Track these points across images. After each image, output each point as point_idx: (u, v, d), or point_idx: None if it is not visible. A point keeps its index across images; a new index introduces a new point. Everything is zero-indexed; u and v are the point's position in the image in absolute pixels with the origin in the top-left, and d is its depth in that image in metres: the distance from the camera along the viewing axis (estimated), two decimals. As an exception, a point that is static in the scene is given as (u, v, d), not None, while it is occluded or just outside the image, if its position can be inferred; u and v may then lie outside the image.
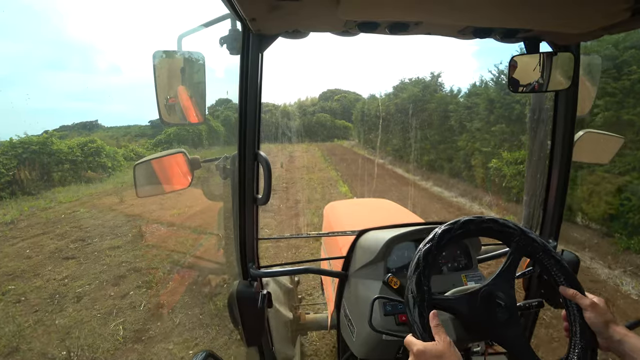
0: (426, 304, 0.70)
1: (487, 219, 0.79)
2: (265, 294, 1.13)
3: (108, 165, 12.80)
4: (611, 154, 1.40)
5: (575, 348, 0.71)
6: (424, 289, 0.71)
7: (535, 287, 1.25)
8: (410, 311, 0.70)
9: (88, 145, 12.43)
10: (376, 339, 1.06)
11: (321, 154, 17.08)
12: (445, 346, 0.63)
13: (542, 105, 3.86)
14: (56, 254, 4.85)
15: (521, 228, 0.79)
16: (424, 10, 0.77)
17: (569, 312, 0.75)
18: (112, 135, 19.90)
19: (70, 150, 11.69)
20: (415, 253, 0.76)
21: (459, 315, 0.75)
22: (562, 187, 1.16)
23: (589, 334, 0.71)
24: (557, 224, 1.20)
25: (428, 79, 11.79)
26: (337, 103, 29.28)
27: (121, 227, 6.00)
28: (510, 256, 0.79)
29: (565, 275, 0.76)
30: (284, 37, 0.97)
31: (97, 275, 4.11)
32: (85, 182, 11.13)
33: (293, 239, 4.67)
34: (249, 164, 1.04)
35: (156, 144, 17.40)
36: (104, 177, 12.06)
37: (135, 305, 3.39)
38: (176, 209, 7.04)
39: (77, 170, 11.53)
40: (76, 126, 23.30)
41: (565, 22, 0.82)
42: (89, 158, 12.20)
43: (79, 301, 3.54)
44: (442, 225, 0.78)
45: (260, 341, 1.26)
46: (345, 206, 2.48)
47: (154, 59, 1.02)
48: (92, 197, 9.03)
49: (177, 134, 17.20)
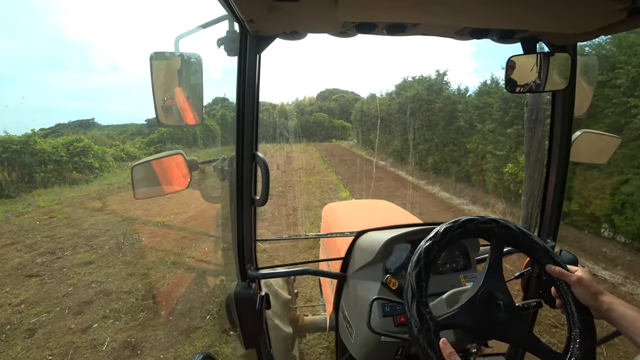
0: (432, 332, 0.68)
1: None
2: (263, 295, 1.12)
3: (95, 165, 12.21)
4: (608, 154, 1.41)
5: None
6: (426, 317, 0.70)
7: (534, 287, 1.26)
8: (420, 343, 0.69)
9: (74, 145, 11.76)
10: (375, 340, 1.06)
11: (319, 155, 16.45)
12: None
13: (539, 105, 3.88)
14: (19, 271, 4.31)
15: (496, 220, 0.80)
16: (422, 11, 0.77)
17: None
18: (108, 134, 19.58)
19: (55, 150, 11.06)
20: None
21: (465, 327, 0.75)
22: (560, 187, 1.17)
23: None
24: (555, 224, 1.21)
25: (433, 77, 11.13)
26: (335, 103, 29.00)
27: (98, 238, 5.40)
28: (493, 249, 0.79)
29: (544, 251, 0.78)
30: (282, 38, 0.97)
31: (59, 300, 3.53)
32: (69, 183, 10.59)
33: (291, 240, 4.66)
34: (247, 165, 1.04)
35: (149, 143, 16.89)
36: (91, 178, 11.53)
37: (97, 343, 2.81)
38: (162, 216, 6.46)
39: (61, 171, 10.92)
40: (73, 124, 23.18)
41: (562, 22, 0.83)
42: (74, 158, 11.57)
43: (31, 336, 2.96)
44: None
45: (258, 343, 1.25)
46: (343, 207, 2.48)
47: (151, 60, 1.02)
48: (74, 200, 8.42)
49: (170, 132, 16.70)
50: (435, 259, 0.75)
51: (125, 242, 5.19)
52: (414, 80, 12.18)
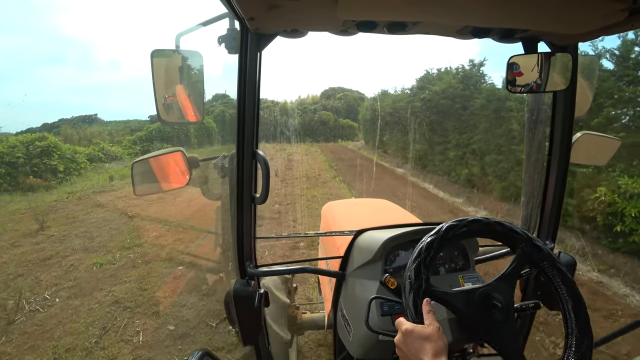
0: (422, 291, 0.71)
1: (494, 221, 0.81)
2: (262, 293, 1.13)
3: (60, 169, 10.13)
4: (608, 156, 1.41)
5: (571, 348, 0.72)
6: (422, 277, 0.72)
7: (532, 288, 1.26)
8: (405, 295, 0.72)
9: (35, 144, 9.84)
10: (373, 339, 1.06)
11: (325, 159, 14.67)
12: (433, 330, 0.65)
13: (539, 105, 3.87)
14: None
15: (528, 235, 0.80)
16: (422, 10, 0.77)
17: (564, 313, 0.76)
18: (110, 131, 19.03)
19: (11, 150, 9.27)
20: (417, 245, 0.77)
21: (455, 310, 0.76)
22: (559, 188, 1.17)
23: (585, 333, 0.72)
24: (555, 225, 1.21)
25: (467, 68, 8.83)
26: (340, 101, 28.10)
27: None
28: (515, 261, 0.80)
29: (568, 286, 0.77)
30: (283, 36, 0.97)
31: None
32: (24, 191, 8.68)
33: (291, 238, 4.66)
34: (247, 162, 1.04)
35: (136, 141, 15.41)
36: (53, 184, 9.51)
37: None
38: (107, 251, 4.57)
39: (15, 176, 8.98)
40: (75, 119, 23.07)
41: (563, 22, 0.83)
42: (34, 160, 9.54)
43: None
44: (449, 221, 0.80)
45: (256, 340, 1.26)
46: (343, 206, 2.48)
47: (152, 58, 1.02)
48: (7, 218, 6.48)
49: (160, 130, 15.53)
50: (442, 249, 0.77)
51: (29, 312, 3.19)
52: (439, 72, 9.91)
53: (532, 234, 0.82)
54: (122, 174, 10.98)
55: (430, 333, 0.64)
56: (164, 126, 15.27)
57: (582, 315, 0.74)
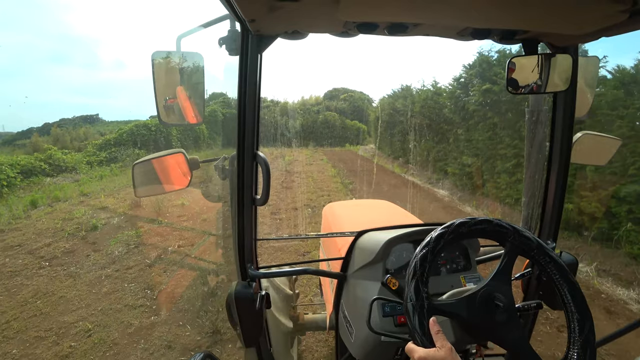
0: (426, 311, 0.70)
1: (481, 219, 0.80)
2: (263, 294, 1.13)
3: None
4: (609, 155, 1.41)
5: (575, 345, 0.72)
6: (423, 296, 0.71)
7: (534, 288, 1.26)
8: (410, 318, 0.70)
9: None
10: (375, 340, 1.06)
11: (335, 171, 10.76)
12: (446, 352, 0.63)
13: (540, 106, 3.88)
14: None
15: (515, 227, 0.80)
16: (423, 11, 0.77)
17: (562, 298, 0.76)
18: (111, 130, 17.03)
19: None
20: (412, 259, 0.76)
21: (459, 319, 0.75)
22: (560, 188, 1.17)
23: (585, 316, 0.72)
24: (556, 225, 1.21)
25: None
26: (345, 102, 26.02)
27: None
28: (506, 255, 0.79)
29: (561, 272, 0.77)
30: (283, 37, 0.98)
31: None
32: None
33: (292, 239, 4.65)
34: (248, 164, 1.04)
35: (101, 147, 12.73)
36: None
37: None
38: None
39: None
40: (77, 119, 22.85)
41: (564, 23, 0.83)
42: None
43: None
44: (438, 228, 0.78)
45: (258, 342, 1.26)
46: (344, 207, 2.48)
47: (152, 60, 1.02)
48: None
49: (132, 133, 13.01)
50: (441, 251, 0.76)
51: None
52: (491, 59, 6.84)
53: (532, 232, 0.82)
54: (55, 196, 7.77)
55: (444, 356, 0.62)
56: (138, 129, 13.31)
57: (579, 298, 0.74)
